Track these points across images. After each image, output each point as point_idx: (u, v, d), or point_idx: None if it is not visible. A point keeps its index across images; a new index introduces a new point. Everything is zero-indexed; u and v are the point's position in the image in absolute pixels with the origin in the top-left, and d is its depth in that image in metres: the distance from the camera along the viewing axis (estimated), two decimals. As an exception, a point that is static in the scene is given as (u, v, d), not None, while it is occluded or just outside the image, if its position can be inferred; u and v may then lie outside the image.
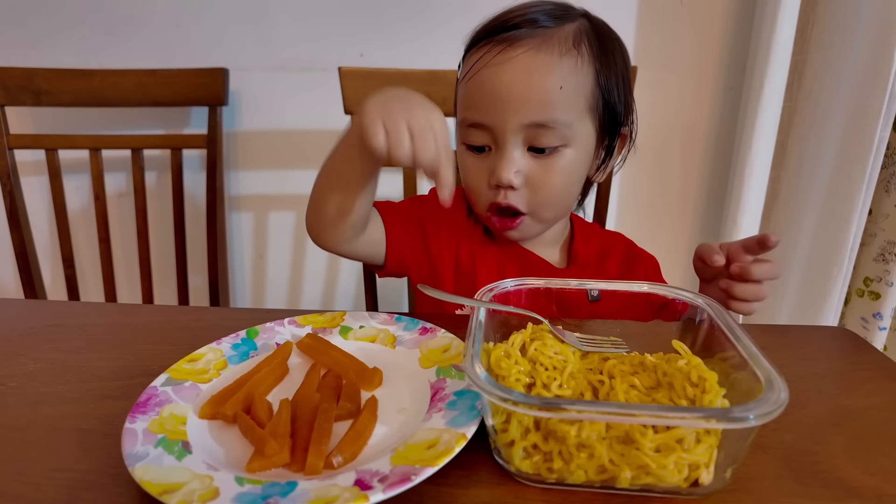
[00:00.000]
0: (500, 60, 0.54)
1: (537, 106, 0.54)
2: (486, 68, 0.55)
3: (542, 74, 0.54)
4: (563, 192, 0.59)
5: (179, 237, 1.06)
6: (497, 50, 0.54)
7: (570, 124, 0.55)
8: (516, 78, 0.54)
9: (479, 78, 0.55)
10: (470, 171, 0.60)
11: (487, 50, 0.55)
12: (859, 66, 0.90)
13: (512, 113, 0.54)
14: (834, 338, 0.55)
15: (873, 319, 1.03)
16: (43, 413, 0.41)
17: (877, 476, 0.35)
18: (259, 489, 0.31)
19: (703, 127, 1.12)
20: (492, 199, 0.59)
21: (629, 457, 0.32)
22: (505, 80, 0.54)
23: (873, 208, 0.99)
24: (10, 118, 1.02)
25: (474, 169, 0.59)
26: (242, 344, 0.49)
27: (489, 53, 0.55)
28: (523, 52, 0.54)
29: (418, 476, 0.31)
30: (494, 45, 0.55)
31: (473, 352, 0.35)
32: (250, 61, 1.10)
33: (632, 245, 0.71)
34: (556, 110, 0.54)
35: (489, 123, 0.56)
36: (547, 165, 0.57)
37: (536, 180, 0.57)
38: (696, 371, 0.37)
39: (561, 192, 0.59)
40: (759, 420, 0.29)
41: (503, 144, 0.56)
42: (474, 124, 0.57)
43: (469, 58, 0.58)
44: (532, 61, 0.54)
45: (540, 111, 0.54)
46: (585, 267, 0.66)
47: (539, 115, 0.54)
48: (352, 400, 0.41)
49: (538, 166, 0.57)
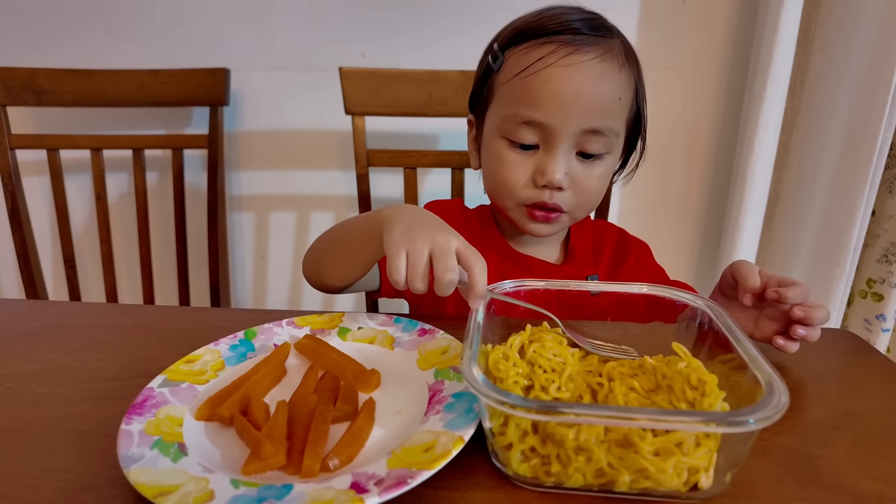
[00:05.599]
0: (569, 62, 0.53)
1: (598, 113, 0.55)
2: (554, 68, 0.54)
3: (608, 83, 0.55)
4: (598, 196, 0.61)
5: (180, 237, 1.06)
6: (565, 51, 0.54)
7: (617, 133, 0.58)
8: (586, 83, 0.54)
9: (545, 76, 0.54)
10: (510, 166, 0.59)
11: (554, 49, 0.54)
12: (862, 67, 0.89)
13: (574, 116, 0.54)
14: (836, 340, 0.55)
15: (876, 321, 1.03)
16: (40, 414, 0.41)
17: (878, 480, 0.35)
18: (254, 492, 0.31)
19: (706, 127, 1.12)
20: (533, 198, 0.59)
21: (628, 460, 0.32)
22: (575, 83, 0.53)
23: (876, 209, 0.99)
24: (11, 118, 1.02)
25: (516, 165, 0.58)
26: (240, 345, 0.49)
27: (556, 53, 0.54)
28: (591, 58, 0.54)
29: (415, 479, 0.31)
30: (561, 46, 0.54)
31: (471, 354, 0.35)
32: (251, 61, 1.10)
33: (623, 233, 0.73)
34: (612, 119, 0.56)
35: (548, 122, 0.55)
36: (590, 170, 0.58)
37: (580, 183, 0.58)
38: (696, 374, 0.37)
39: (598, 195, 0.61)
40: (759, 424, 0.28)
41: (556, 146, 0.56)
42: (530, 122, 0.56)
43: (522, 54, 0.56)
44: (599, 68, 0.54)
45: (599, 118, 0.55)
46: (583, 260, 0.68)
47: (598, 121, 0.55)
48: (349, 402, 0.41)
49: (583, 170, 0.58)
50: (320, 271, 0.60)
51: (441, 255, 0.43)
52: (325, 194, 1.18)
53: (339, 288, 0.61)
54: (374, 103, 0.92)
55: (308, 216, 1.20)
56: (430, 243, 0.43)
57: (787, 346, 0.49)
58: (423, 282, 0.43)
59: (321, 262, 0.60)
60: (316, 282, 0.61)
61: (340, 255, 0.57)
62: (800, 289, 0.49)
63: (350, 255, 0.56)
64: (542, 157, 0.57)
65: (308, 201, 1.19)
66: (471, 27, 1.06)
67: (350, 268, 0.57)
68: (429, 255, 0.43)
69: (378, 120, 0.95)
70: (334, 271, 0.58)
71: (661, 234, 1.19)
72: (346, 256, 0.57)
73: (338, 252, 0.58)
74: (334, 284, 0.60)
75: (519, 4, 0.60)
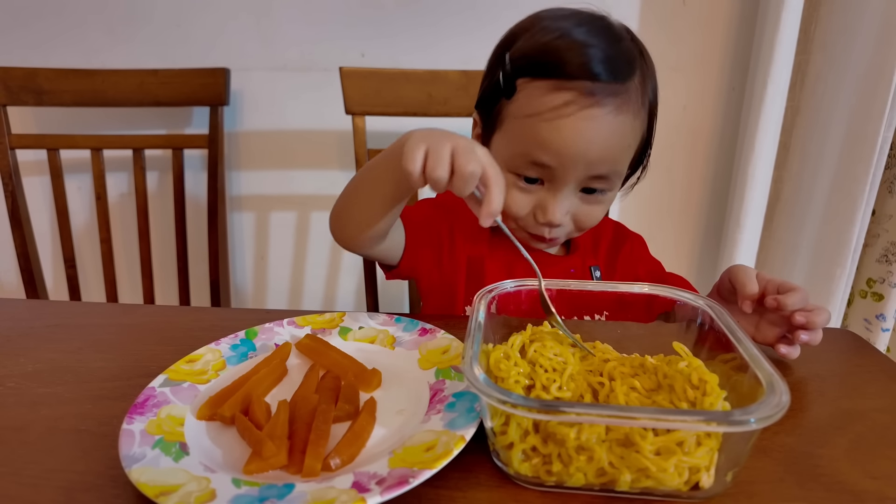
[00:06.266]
0: (584, 116, 0.52)
1: (608, 162, 0.55)
2: (569, 119, 0.53)
3: (619, 136, 0.54)
4: (598, 220, 0.62)
5: (181, 237, 1.06)
6: (582, 103, 0.52)
7: (622, 173, 0.58)
8: (598, 138, 0.53)
9: (558, 126, 0.53)
10: (513, 198, 0.58)
11: (571, 100, 0.52)
12: (863, 66, 0.89)
13: (583, 166, 0.54)
14: (836, 339, 0.55)
15: (876, 321, 1.03)
16: (41, 414, 0.41)
17: (879, 479, 0.35)
18: (256, 491, 0.31)
19: (706, 127, 1.12)
20: (532, 229, 0.60)
21: (629, 460, 0.32)
22: (587, 138, 0.53)
23: (876, 209, 0.99)
24: (11, 118, 1.02)
25: (518, 198, 0.58)
26: (241, 345, 0.49)
27: (573, 104, 0.52)
28: (608, 112, 0.53)
29: (416, 478, 0.31)
30: (579, 97, 0.52)
31: (472, 353, 0.35)
32: (252, 61, 1.10)
33: (619, 226, 0.75)
34: (620, 164, 0.57)
35: (556, 166, 0.55)
36: (592, 203, 0.59)
37: (581, 215, 0.59)
38: (697, 373, 0.37)
39: (598, 221, 0.62)
40: (760, 423, 0.28)
41: (560, 188, 0.56)
42: (537, 163, 0.55)
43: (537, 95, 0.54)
44: (615, 121, 0.53)
45: (607, 166, 0.56)
46: (584, 252, 0.70)
47: (605, 168, 0.56)
48: (350, 401, 0.41)
49: (585, 203, 0.59)
50: (345, 220, 0.56)
51: (464, 151, 0.40)
52: (326, 194, 1.17)
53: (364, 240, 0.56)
54: (375, 103, 0.92)
55: (308, 216, 1.20)
56: (452, 142, 0.41)
57: (790, 352, 0.49)
58: (445, 169, 0.40)
59: (345, 210, 0.56)
60: (342, 235, 0.57)
61: (363, 192, 0.54)
62: (798, 294, 0.48)
63: (372, 188, 0.52)
64: (545, 195, 0.57)
65: (308, 201, 1.19)
66: (472, 28, 1.06)
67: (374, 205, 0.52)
68: (451, 151, 0.40)
69: (378, 120, 0.95)
70: (360, 213, 0.54)
71: (661, 234, 1.19)
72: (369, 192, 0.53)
73: (360, 190, 0.54)
74: (359, 235, 0.55)
75: (523, 5, 0.60)
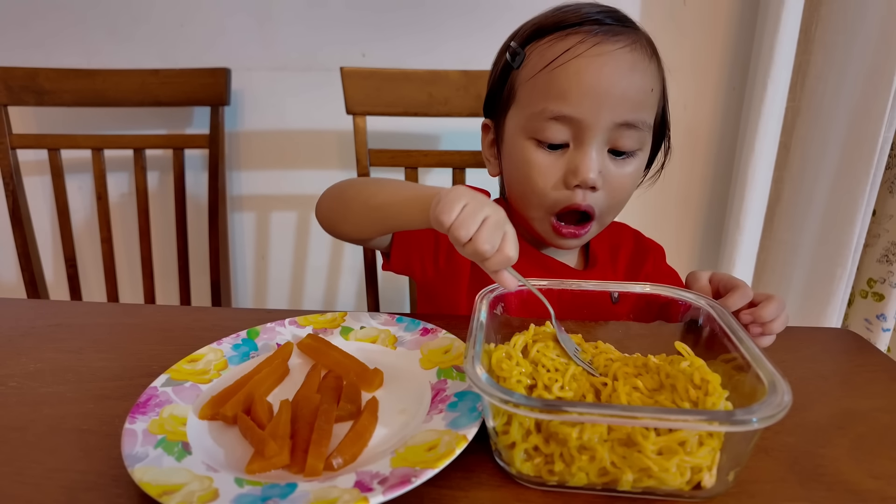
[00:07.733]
0: (598, 52, 0.50)
1: (632, 104, 0.52)
2: (582, 59, 0.51)
3: (640, 73, 0.52)
4: (628, 196, 0.58)
5: (181, 237, 1.06)
6: (593, 40, 0.50)
7: (649, 128, 0.55)
8: (618, 73, 0.51)
9: (573, 67, 0.51)
10: (539, 169, 0.55)
11: (581, 39, 0.51)
12: (863, 67, 0.89)
13: (608, 108, 0.51)
14: (837, 339, 0.55)
15: (877, 321, 1.03)
16: (43, 413, 0.41)
17: (881, 479, 0.35)
18: (258, 490, 0.31)
19: (706, 127, 1.11)
20: (566, 201, 0.55)
21: (631, 459, 0.32)
22: (606, 73, 0.50)
23: (877, 209, 0.99)
24: (12, 118, 1.02)
25: (546, 167, 0.54)
26: (243, 344, 0.49)
27: (584, 43, 0.50)
28: (620, 47, 0.51)
29: (419, 478, 0.31)
30: (588, 36, 0.51)
31: (474, 353, 0.35)
32: (252, 61, 1.10)
33: (639, 235, 0.71)
34: (645, 111, 0.54)
35: (579, 117, 0.51)
36: (623, 168, 0.55)
37: (613, 182, 0.55)
38: (699, 373, 0.37)
39: (628, 195, 0.58)
40: (762, 423, 0.28)
41: (588, 142, 0.52)
42: (559, 117, 0.52)
43: (546, 47, 0.53)
44: (630, 58, 0.51)
45: (633, 110, 0.52)
46: (604, 267, 0.65)
47: (632, 114, 0.52)
48: (352, 401, 0.41)
49: (615, 168, 0.55)
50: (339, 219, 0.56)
51: (493, 226, 0.40)
52: (326, 194, 1.17)
53: (354, 239, 0.58)
54: (376, 103, 0.92)
55: (309, 216, 1.20)
56: (488, 213, 0.41)
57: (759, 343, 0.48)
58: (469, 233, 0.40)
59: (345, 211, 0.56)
60: (329, 225, 0.58)
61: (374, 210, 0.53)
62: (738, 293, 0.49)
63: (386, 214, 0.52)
64: (573, 155, 0.53)
65: (309, 201, 1.19)
66: (473, 30, 1.05)
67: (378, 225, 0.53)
68: (482, 220, 0.41)
69: (379, 120, 0.95)
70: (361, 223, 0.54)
71: (661, 234, 1.17)
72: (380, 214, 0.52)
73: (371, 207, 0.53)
74: (350, 235, 0.57)
75: (524, 6, 0.59)
